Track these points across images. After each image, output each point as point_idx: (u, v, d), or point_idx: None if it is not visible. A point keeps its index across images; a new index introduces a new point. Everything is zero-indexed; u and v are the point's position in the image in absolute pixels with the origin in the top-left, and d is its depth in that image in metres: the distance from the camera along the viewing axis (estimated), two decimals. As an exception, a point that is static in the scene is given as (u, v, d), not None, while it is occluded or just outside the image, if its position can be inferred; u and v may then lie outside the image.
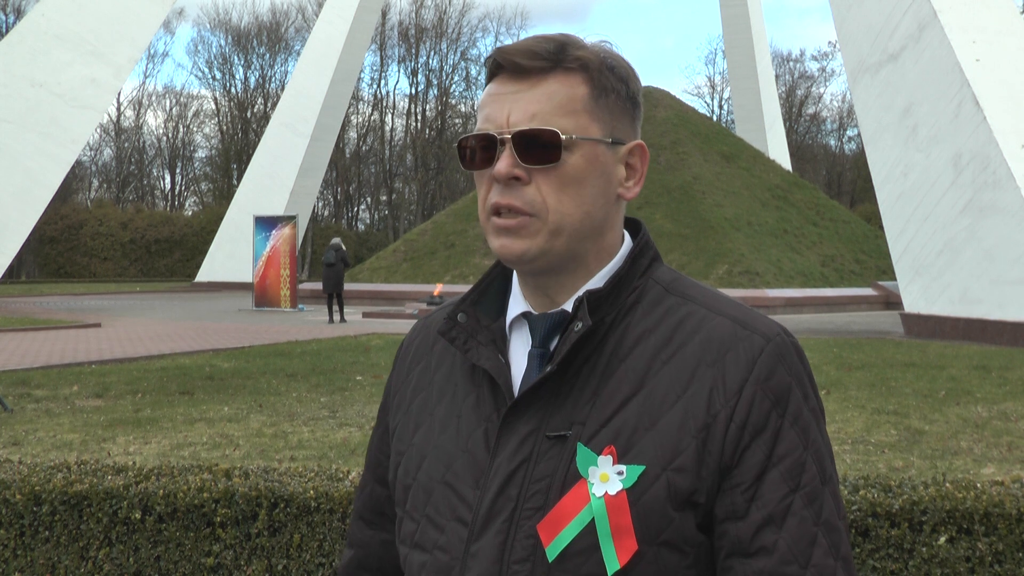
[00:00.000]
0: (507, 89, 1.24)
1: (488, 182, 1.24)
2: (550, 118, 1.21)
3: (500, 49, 1.25)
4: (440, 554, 1.24)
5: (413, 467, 1.30)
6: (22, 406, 10.05)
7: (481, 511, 1.21)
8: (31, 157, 25.28)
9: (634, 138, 1.29)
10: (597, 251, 1.27)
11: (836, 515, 1.18)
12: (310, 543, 3.45)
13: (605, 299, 1.24)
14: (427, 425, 1.32)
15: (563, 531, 1.16)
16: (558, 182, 1.22)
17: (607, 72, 1.25)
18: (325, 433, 8.43)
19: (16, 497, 3.64)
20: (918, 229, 18.67)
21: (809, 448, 1.19)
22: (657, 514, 1.15)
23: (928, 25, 18.66)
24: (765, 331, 1.22)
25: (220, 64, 69.62)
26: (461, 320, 1.30)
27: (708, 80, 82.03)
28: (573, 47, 1.24)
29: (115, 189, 67.13)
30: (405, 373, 1.40)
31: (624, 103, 1.27)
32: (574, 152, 1.22)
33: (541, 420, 1.21)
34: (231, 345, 16.40)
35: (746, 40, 46.83)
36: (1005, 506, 3.12)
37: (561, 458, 1.19)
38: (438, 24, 68.78)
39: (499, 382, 1.25)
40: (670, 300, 1.26)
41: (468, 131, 1.30)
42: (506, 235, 1.23)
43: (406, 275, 30.77)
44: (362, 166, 68.52)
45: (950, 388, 10.98)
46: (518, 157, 1.21)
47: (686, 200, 29.84)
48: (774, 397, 1.18)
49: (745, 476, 1.17)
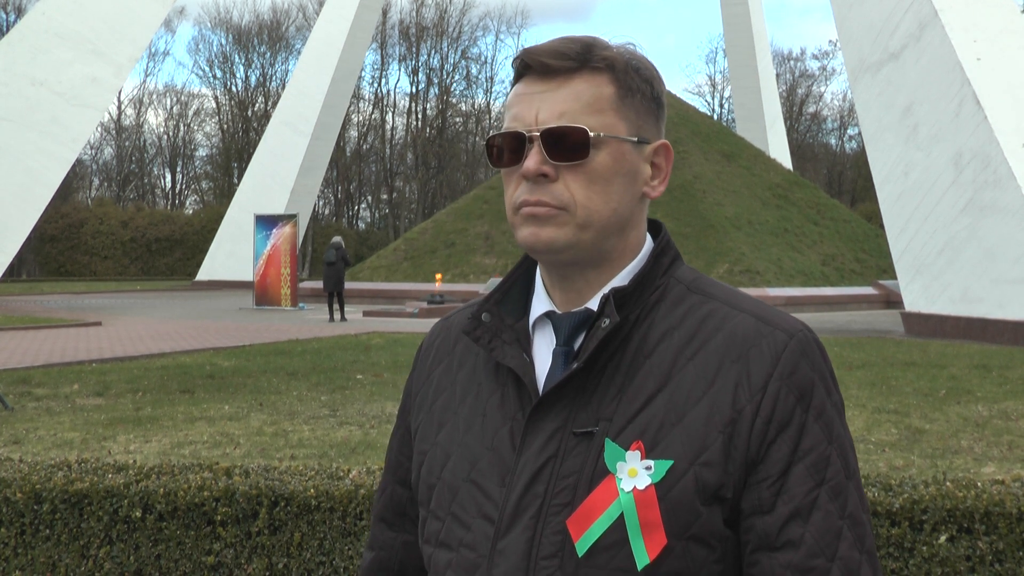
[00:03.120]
0: (535, 89, 1.25)
1: (517, 180, 1.25)
2: (578, 116, 1.22)
3: (528, 50, 1.26)
4: (467, 551, 1.24)
5: (437, 466, 1.31)
6: (23, 404, 10.06)
7: (508, 508, 1.22)
8: (32, 156, 25.28)
9: (659, 138, 1.31)
10: (622, 248, 1.28)
11: (860, 509, 1.20)
12: (310, 542, 3.45)
13: (630, 297, 1.25)
14: (451, 424, 1.32)
15: (592, 526, 1.17)
16: (586, 179, 1.23)
17: (632, 73, 1.27)
18: (325, 432, 8.43)
19: (17, 495, 3.64)
20: (919, 228, 18.66)
21: (833, 442, 1.20)
22: (685, 508, 1.16)
23: (929, 24, 18.65)
24: (787, 327, 1.24)
25: (221, 63, 69.76)
26: (485, 319, 1.31)
27: (709, 79, 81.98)
28: (599, 48, 1.26)
29: (116, 188, 67.14)
30: (426, 374, 1.41)
31: (649, 103, 1.29)
32: (601, 150, 1.23)
33: (567, 417, 1.22)
34: (232, 344, 16.41)
35: (747, 39, 46.84)
36: (1005, 505, 3.12)
37: (588, 454, 1.20)
38: (439, 23, 68.81)
39: (524, 380, 1.26)
40: (692, 298, 1.27)
41: (498, 129, 1.30)
42: (535, 223, 1.23)
43: (406, 274, 30.78)
44: (363, 165, 68.53)
45: (951, 387, 10.97)
46: (547, 154, 1.22)
47: (687, 199, 29.85)
48: (798, 392, 1.20)
49: (771, 471, 1.18)
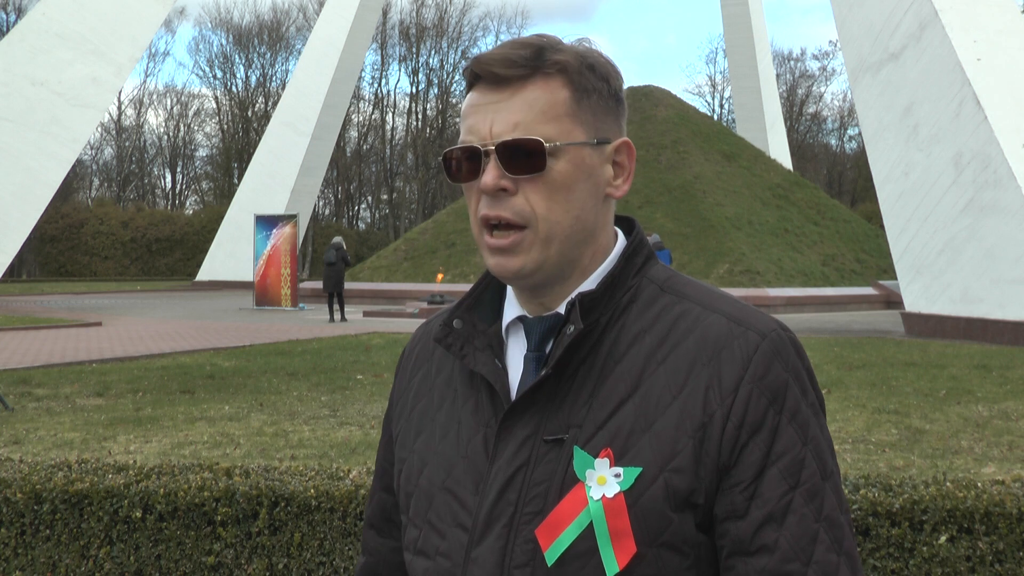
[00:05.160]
0: (487, 99, 1.23)
1: (477, 194, 1.23)
2: (533, 126, 1.20)
3: (477, 59, 1.23)
4: (442, 560, 1.24)
5: (415, 473, 1.30)
6: (23, 405, 10.06)
7: (481, 516, 1.21)
8: (32, 156, 25.28)
9: (619, 136, 1.27)
10: (591, 253, 1.26)
11: (838, 510, 1.17)
12: (311, 542, 3.45)
13: (598, 300, 1.23)
14: (428, 431, 1.31)
15: (561, 535, 1.16)
16: (546, 190, 1.20)
17: (587, 72, 1.23)
18: (326, 432, 8.43)
19: (17, 496, 3.64)
20: (919, 228, 18.66)
21: (808, 444, 1.17)
22: (655, 516, 1.14)
23: (929, 24, 18.65)
24: (760, 327, 1.20)
25: (221, 63, 69.76)
26: (457, 326, 1.29)
27: (709, 79, 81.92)
28: (551, 51, 1.22)
29: (116, 188, 67.13)
30: (407, 380, 1.40)
31: (607, 102, 1.25)
32: (559, 158, 1.20)
33: (538, 424, 1.21)
34: (232, 344, 16.40)
35: (747, 39, 46.83)
36: (1006, 505, 3.12)
37: (559, 462, 1.18)
38: (439, 23, 68.83)
39: (496, 387, 1.24)
40: (665, 299, 1.25)
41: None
42: (500, 254, 1.22)
43: (407, 274, 30.77)
44: (363, 165, 68.53)
45: (951, 387, 10.97)
46: (503, 168, 1.20)
47: (687, 199, 29.83)
48: (771, 394, 1.17)
49: (744, 475, 1.15)
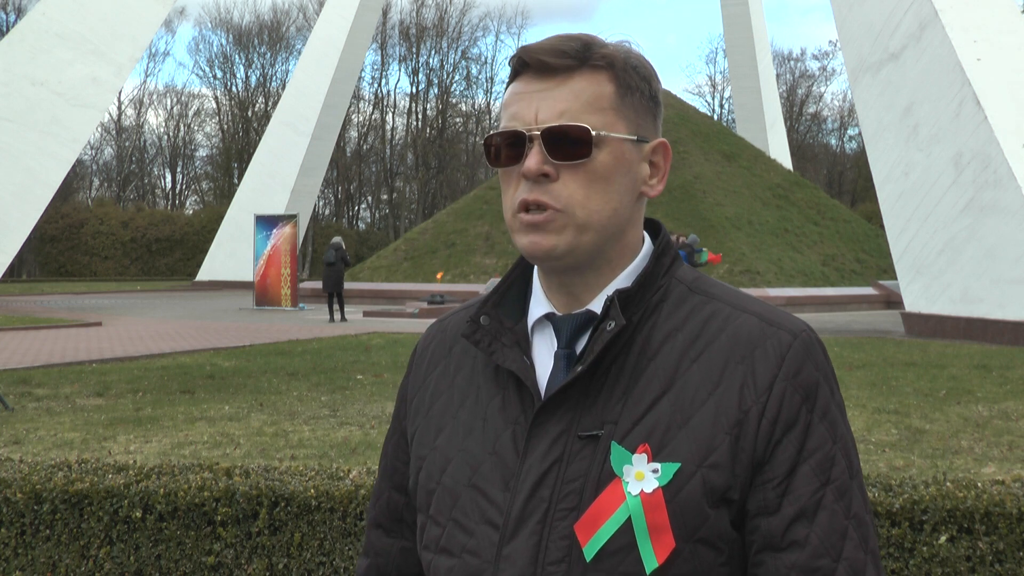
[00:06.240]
0: (533, 87, 1.24)
1: (516, 180, 1.24)
2: (578, 115, 1.21)
3: (526, 47, 1.25)
4: (470, 558, 1.23)
5: (437, 471, 1.29)
6: (23, 405, 10.05)
7: (513, 513, 1.21)
8: (32, 156, 25.28)
9: (657, 136, 1.30)
10: (621, 249, 1.27)
11: (864, 509, 1.19)
12: (311, 542, 3.45)
13: (633, 298, 1.24)
14: (450, 428, 1.30)
15: (600, 530, 1.16)
16: (586, 179, 1.22)
17: (631, 71, 1.26)
18: (326, 432, 8.43)
19: (17, 496, 3.64)
20: (919, 228, 18.66)
21: (838, 442, 1.20)
22: (693, 511, 1.15)
23: (929, 24, 18.65)
24: (791, 327, 1.23)
25: (221, 63, 69.77)
26: (484, 322, 1.29)
27: (709, 79, 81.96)
28: (598, 46, 1.24)
29: (116, 188, 67.15)
30: (422, 378, 1.39)
31: (647, 102, 1.28)
32: (602, 149, 1.22)
33: (572, 421, 1.21)
34: (232, 344, 16.40)
35: (747, 39, 46.85)
36: (1006, 505, 3.12)
37: (594, 458, 1.19)
38: (439, 23, 68.83)
39: (526, 383, 1.24)
40: (695, 299, 1.26)
41: (493, 129, 1.28)
42: (534, 231, 1.22)
43: (407, 274, 30.78)
44: (363, 165, 68.54)
45: (951, 387, 10.97)
46: (547, 153, 1.21)
47: (687, 199, 29.85)
48: (804, 392, 1.19)
49: (777, 471, 1.17)
